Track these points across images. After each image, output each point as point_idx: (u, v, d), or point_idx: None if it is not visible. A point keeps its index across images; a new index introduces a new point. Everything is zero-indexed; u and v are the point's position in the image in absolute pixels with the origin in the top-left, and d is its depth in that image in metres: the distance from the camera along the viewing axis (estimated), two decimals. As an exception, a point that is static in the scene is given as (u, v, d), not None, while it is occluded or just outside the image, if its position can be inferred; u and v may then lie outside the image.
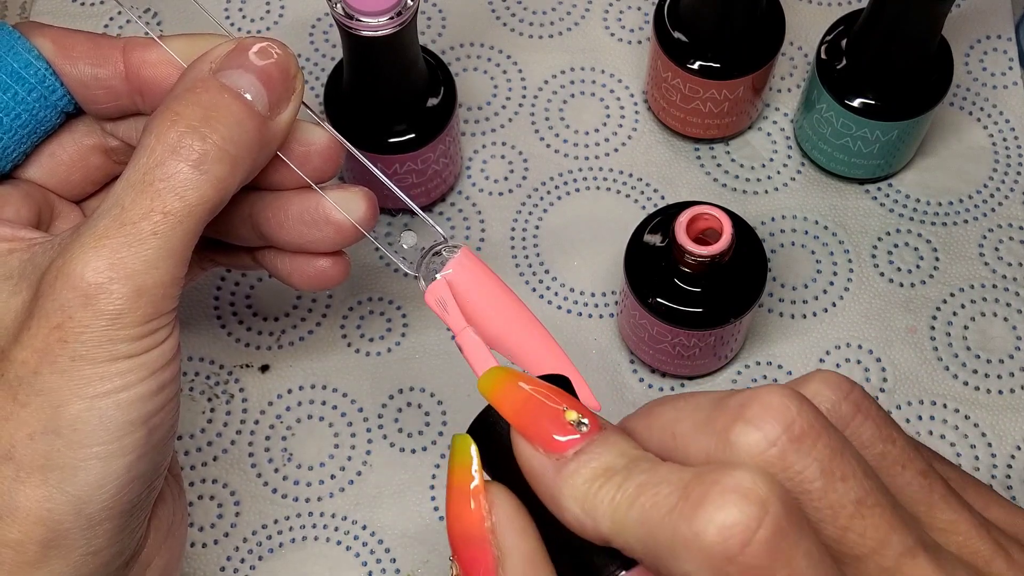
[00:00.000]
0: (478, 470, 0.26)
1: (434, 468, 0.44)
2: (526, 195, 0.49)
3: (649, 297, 0.42)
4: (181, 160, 0.29)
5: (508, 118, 0.51)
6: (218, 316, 0.47)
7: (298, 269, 0.36)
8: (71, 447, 0.29)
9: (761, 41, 0.46)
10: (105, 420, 0.29)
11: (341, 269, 0.36)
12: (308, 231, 0.34)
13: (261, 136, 0.31)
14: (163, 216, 0.29)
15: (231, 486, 0.44)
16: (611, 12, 0.53)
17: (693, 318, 0.41)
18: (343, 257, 0.36)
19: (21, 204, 0.34)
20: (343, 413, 0.45)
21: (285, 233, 0.34)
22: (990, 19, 0.53)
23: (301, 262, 0.36)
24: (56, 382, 0.28)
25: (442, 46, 0.52)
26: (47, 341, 0.28)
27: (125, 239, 0.29)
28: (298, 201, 0.34)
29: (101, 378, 0.29)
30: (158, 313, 0.30)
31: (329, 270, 0.36)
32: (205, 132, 0.30)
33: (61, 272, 0.29)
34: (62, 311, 0.28)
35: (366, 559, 0.43)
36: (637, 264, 0.42)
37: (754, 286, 0.42)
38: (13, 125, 0.33)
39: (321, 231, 0.34)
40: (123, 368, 0.29)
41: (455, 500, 0.26)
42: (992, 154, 0.50)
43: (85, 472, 0.29)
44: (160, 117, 0.30)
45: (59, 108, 0.34)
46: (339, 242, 0.35)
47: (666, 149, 0.50)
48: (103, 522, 0.29)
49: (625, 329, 0.45)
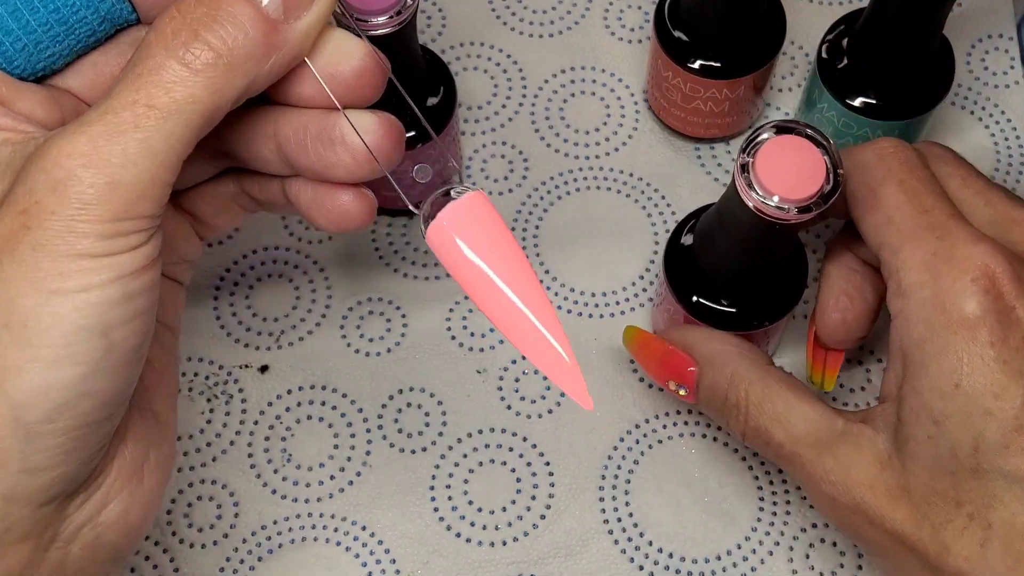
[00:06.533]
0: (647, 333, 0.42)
1: (434, 468, 0.44)
2: (526, 195, 0.49)
3: (692, 297, 0.41)
4: (172, 57, 0.28)
5: (508, 117, 0.51)
6: (217, 316, 0.47)
7: (318, 202, 0.33)
8: (18, 344, 0.27)
9: (762, 40, 0.46)
10: (59, 320, 0.27)
11: (363, 208, 0.33)
12: (325, 153, 0.32)
13: (269, 42, 0.29)
14: (147, 109, 0.27)
15: (230, 487, 0.44)
16: (611, 11, 0.53)
17: (731, 318, 0.41)
18: (365, 195, 0.33)
19: (41, 104, 0.31)
20: (343, 413, 0.45)
21: (304, 156, 0.32)
22: (992, 18, 0.53)
23: (322, 194, 0.33)
24: (14, 272, 0.27)
25: (442, 45, 0.52)
26: (12, 227, 0.27)
27: (105, 127, 0.27)
28: (319, 119, 0.31)
29: (60, 274, 0.27)
30: (132, 214, 0.28)
31: (350, 206, 0.33)
32: (201, 31, 0.28)
33: (35, 155, 0.27)
34: (30, 195, 0.27)
35: (366, 560, 0.43)
36: (676, 266, 0.42)
37: (795, 289, 0.41)
38: (50, 19, 0.31)
39: (337, 155, 0.32)
40: (85, 267, 0.27)
41: (652, 343, 0.41)
42: (994, 153, 0.50)
43: (29, 375, 0.27)
44: (163, 13, 0.29)
45: (109, 17, 0.32)
46: (354, 170, 0.32)
47: (667, 149, 0.50)
48: (44, 437, 0.27)
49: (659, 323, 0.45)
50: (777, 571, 0.43)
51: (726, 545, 0.43)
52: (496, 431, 0.45)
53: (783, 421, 0.37)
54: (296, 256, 0.48)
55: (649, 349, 0.41)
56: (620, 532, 0.43)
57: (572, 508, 0.44)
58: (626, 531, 0.43)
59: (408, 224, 0.48)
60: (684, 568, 0.43)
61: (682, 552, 0.43)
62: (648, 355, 0.41)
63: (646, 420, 0.45)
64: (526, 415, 0.45)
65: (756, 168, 0.34)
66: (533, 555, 0.43)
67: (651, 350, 0.41)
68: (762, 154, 0.35)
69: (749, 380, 0.38)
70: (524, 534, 0.43)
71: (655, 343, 0.41)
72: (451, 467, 0.44)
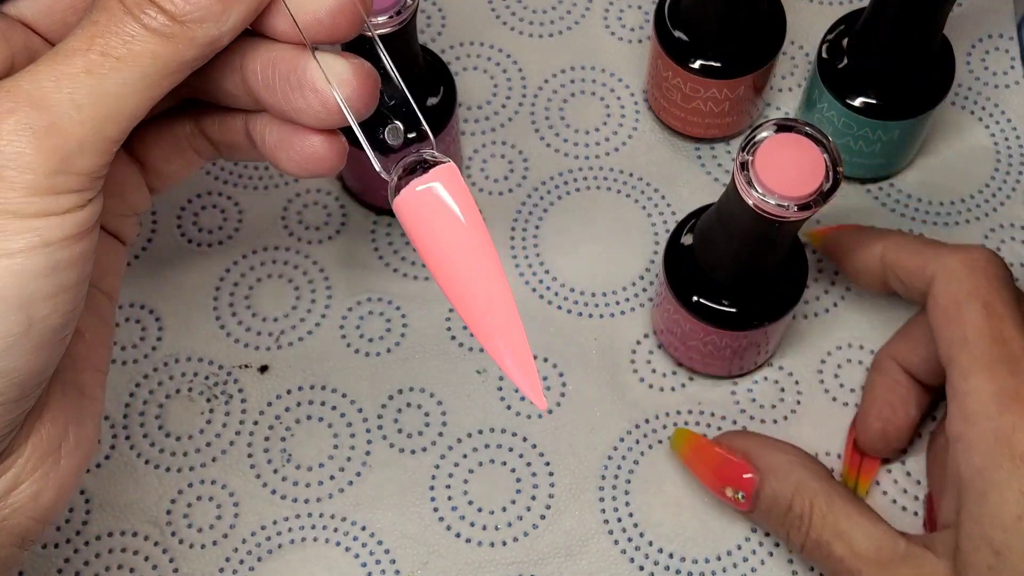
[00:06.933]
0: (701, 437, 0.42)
1: (434, 468, 0.44)
2: (526, 195, 0.49)
3: (692, 296, 0.41)
4: (130, 15, 0.26)
5: (508, 117, 0.51)
6: (217, 316, 0.47)
7: (286, 143, 0.30)
8: None
9: (762, 40, 0.46)
10: None
11: (334, 152, 0.30)
12: (293, 96, 0.29)
13: None
14: (101, 56, 0.25)
15: (230, 487, 0.44)
16: (611, 11, 0.53)
17: (731, 318, 0.41)
18: (338, 139, 0.31)
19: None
20: (342, 414, 0.45)
21: (271, 94, 0.29)
22: (992, 18, 0.53)
23: (290, 135, 0.30)
24: None
25: (442, 45, 0.52)
26: None
27: (52, 69, 0.25)
28: (289, 58, 0.29)
29: None
30: (69, 167, 0.25)
31: (320, 151, 0.30)
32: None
33: None
34: None
35: (365, 560, 0.43)
36: (676, 266, 0.42)
37: (794, 289, 0.41)
38: None
39: (306, 100, 0.29)
40: (7, 228, 0.24)
41: (707, 449, 0.41)
42: (994, 154, 0.50)
43: None
44: None
45: None
46: (324, 117, 0.29)
47: (666, 149, 0.50)
48: None
49: (659, 323, 0.45)
50: (777, 572, 0.42)
51: (726, 545, 0.43)
52: (496, 431, 0.45)
53: (845, 537, 0.37)
54: (296, 256, 0.48)
55: (704, 455, 0.41)
56: (620, 532, 0.43)
57: (572, 508, 0.44)
58: (626, 531, 0.43)
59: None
60: (684, 568, 0.43)
61: (682, 552, 0.43)
62: (702, 461, 0.41)
63: (646, 420, 0.45)
64: (526, 415, 0.45)
65: (756, 166, 0.34)
66: (533, 555, 0.43)
67: (706, 456, 0.41)
68: (761, 152, 0.35)
69: (814, 491, 0.38)
70: (524, 534, 0.43)
71: (709, 449, 0.41)
72: (451, 467, 0.44)
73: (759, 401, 0.45)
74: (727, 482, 0.40)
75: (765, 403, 0.45)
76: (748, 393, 0.45)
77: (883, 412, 0.42)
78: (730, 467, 0.40)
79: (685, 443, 0.42)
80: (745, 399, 0.45)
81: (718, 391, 0.45)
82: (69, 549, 0.43)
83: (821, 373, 0.46)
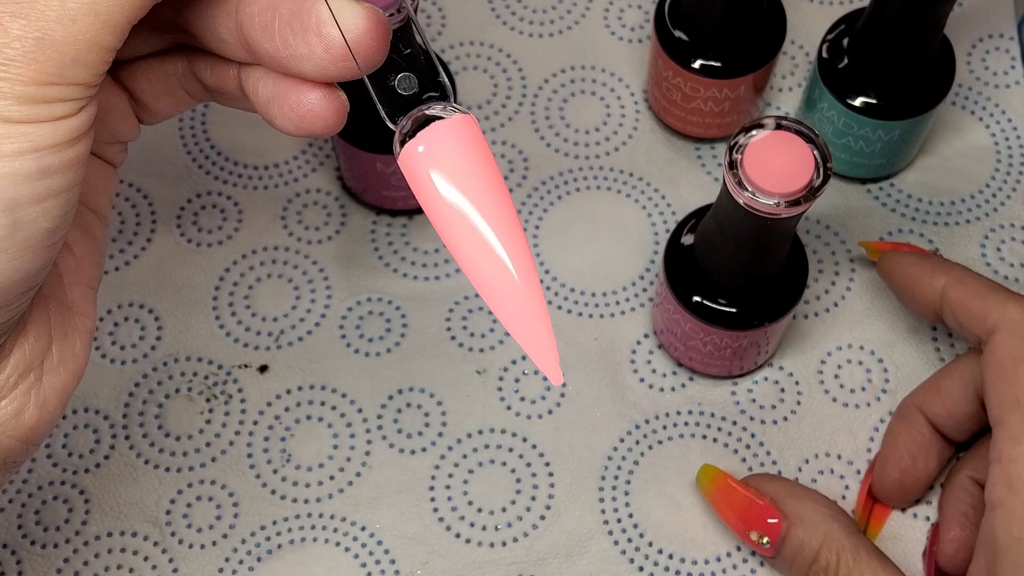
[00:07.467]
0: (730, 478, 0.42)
1: (434, 469, 0.44)
2: (526, 195, 0.49)
3: (692, 296, 0.41)
4: None
5: (508, 117, 0.51)
6: (216, 316, 0.47)
7: (280, 97, 0.28)
8: None
9: (762, 40, 0.46)
10: None
11: (333, 109, 0.28)
12: (294, 41, 0.27)
13: None
14: None
15: (229, 487, 0.44)
16: (611, 11, 0.53)
17: (731, 318, 0.41)
18: (337, 95, 0.28)
19: None
20: (342, 414, 0.45)
21: (269, 41, 0.27)
22: (992, 18, 0.53)
23: (285, 89, 0.28)
24: None
25: (442, 45, 0.52)
26: None
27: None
28: (292, 1, 0.27)
29: None
30: (61, 78, 0.25)
31: (316, 107, 0.28)
32: None
33: None
34: None
35: (365, 560, 0.43)
36: (676, 266, 0.42)
37: (794, 289, 0.41)
38: None
39: (309, 45, 0.27)
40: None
41: (734, 491, 0.41)
42: (994, 153, 0.50)
43: None
44: None
45: None
46: (327, 66, 0.27)
47: (667, 148, 0.50)
48: None
49: (659, 323, 0.45)
50: (777, 573, 0.42)
51: (726, 546, 0.43)
52: (496, 431, 0.45)
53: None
54: (296, 256, 0.48)
55: (730, 497, 0.41)
56: (620, 533, 0.43)
57: (572, 508, 0.44)
58: (626, 532, 0.43)
59: (408, 224, 0.48)
60: (684, 569, 0.43)
61: (682, 553, 0.43)
62: (727, 502, 0.41)
63: (646, 420, 0.45)
64: (526, 415, 0.45)
65: (744, 165, 0.34)
66: (533, 555, 0.43)
67: (732, 498, 0.41)
68: (750, 151, 0.35)
69: (842, 545, 0.38)
70: (524, 534, 0.43)
71: (737, 492, 0.41)
72: (451, 467, 0.44)
73: (759, 401, 0.45)
74: (752, 526, 0.40)
75: (765, 403, 0.45)
76: (748, 393, 0.45)
77: (902, 462, 0.41)
78: (756, 511, 0.40)
79: (711, 481, 0.42)
80: (745, 399, 0.45)
81: (718, 391, 0.45)
82: (68, 549, 0.43)
83: (821, 373, 0.46)
